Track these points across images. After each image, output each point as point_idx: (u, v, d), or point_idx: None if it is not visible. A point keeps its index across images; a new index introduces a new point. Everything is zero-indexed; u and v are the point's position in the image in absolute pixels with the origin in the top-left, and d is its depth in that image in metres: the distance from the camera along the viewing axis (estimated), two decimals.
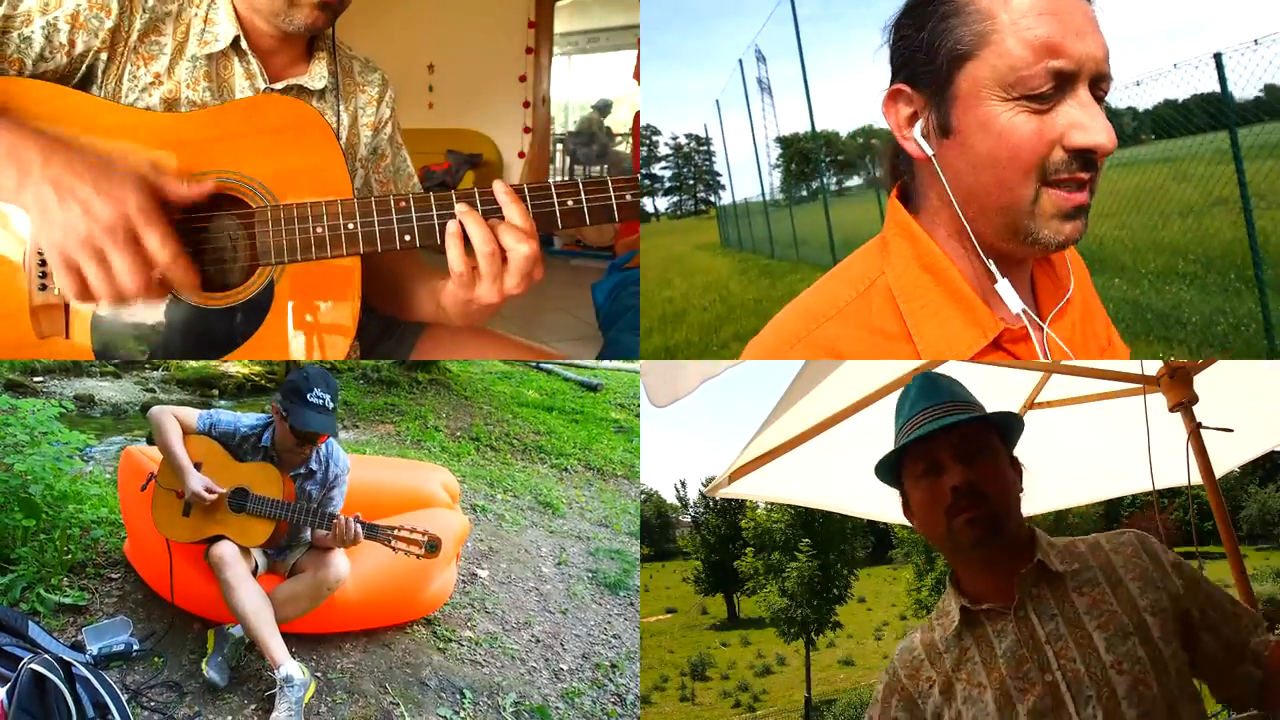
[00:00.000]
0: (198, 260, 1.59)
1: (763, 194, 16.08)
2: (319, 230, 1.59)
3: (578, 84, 7.56)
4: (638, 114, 6.75)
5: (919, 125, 1.03)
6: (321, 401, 2.48)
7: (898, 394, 1.97)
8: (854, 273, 1.07)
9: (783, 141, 14.74)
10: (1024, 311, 1.03)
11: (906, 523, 1.20)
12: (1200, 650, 1.06)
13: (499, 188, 1.60)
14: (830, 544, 18.30)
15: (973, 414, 1.11)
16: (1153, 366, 2.02)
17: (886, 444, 1.17)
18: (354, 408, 6.31)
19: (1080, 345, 1.12)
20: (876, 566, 29.09)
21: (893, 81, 1.04)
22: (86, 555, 3.01)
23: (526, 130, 6.69)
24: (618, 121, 7.87)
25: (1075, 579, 1.09)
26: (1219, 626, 1.08)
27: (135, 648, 2.56)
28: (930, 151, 1.02)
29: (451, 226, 1.58)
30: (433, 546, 2.40)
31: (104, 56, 1.63)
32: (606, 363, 11.60)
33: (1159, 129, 6.23)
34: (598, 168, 7.94)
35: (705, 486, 2.72)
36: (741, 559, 20.17)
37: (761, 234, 15.42)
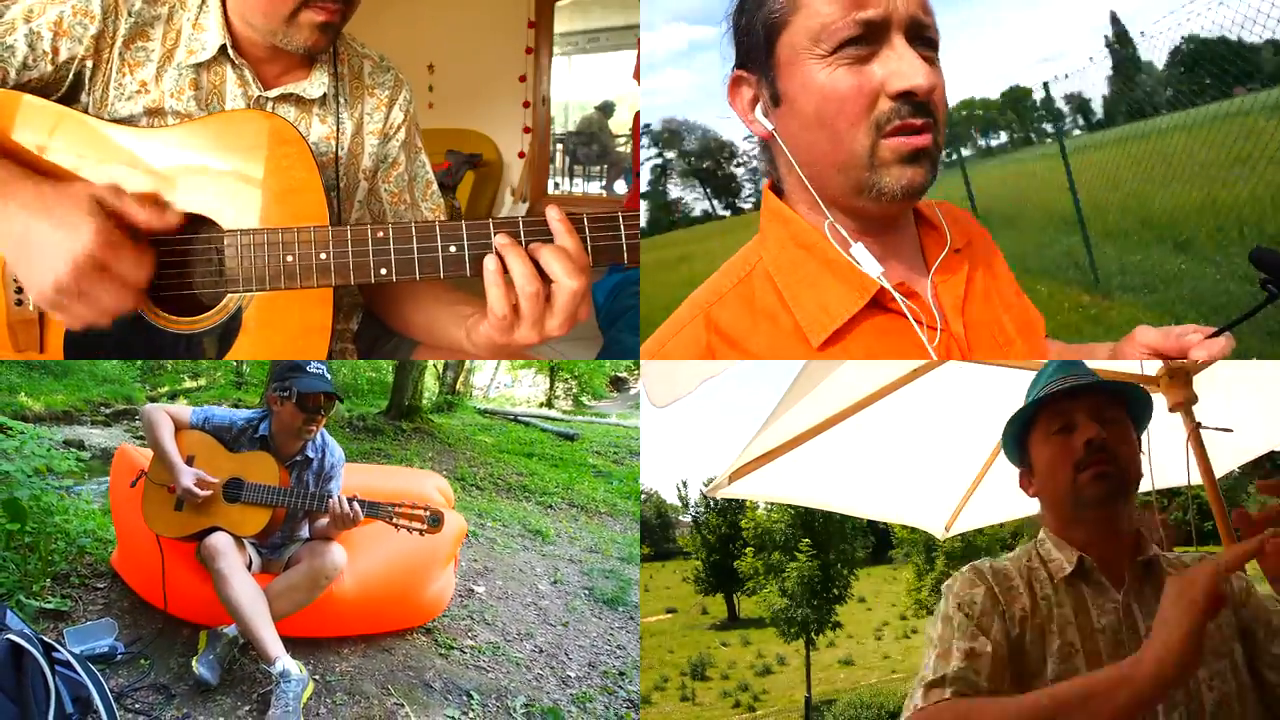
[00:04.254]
0: (164, 282, 1.53)
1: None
2: (289, 259, 1.49)
3: (578, 84, 7.54)
4: (638, 114, 6.75)
5: (759, 105, 1.07)
6: (320, 371, 2.51)
7: (897, 394, 1.97)
8: (735, 264, 1.13)
9: None
10: (882, 275, 1.04)
11: (906, 523, 1.21)
12: (1263, 671, 1.06)
13: (554, 214, 1.43)
14: (830, 544, 18.27)
15: (1112, 382, 1.14)
16: (1152, 366, 2.01)
17: (887, 444, 1.17)
18: None
19: (978, 299, 1.14)
20: (876, 566, 29.05)
21: (733, 70, 1.09)
22: (71, 566, 2.95)
23: (526, 130, 6.68)
24: (619, 122, 7.85)
25: None
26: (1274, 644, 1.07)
27: (120, 651, 2.45)
28: (770, 127, 1.06)
29: (490, 263, 1.42)
30: (435, 520, 2.39)
31: (90, 64, 1.58)
32: (578, 415, 12.24)
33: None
34: (598, 168, 7.93)
35: (706, 487, 2.72)
36: (741, 559, 20.13)
37: None
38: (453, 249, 1.47)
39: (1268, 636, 1.07)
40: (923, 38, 0.99)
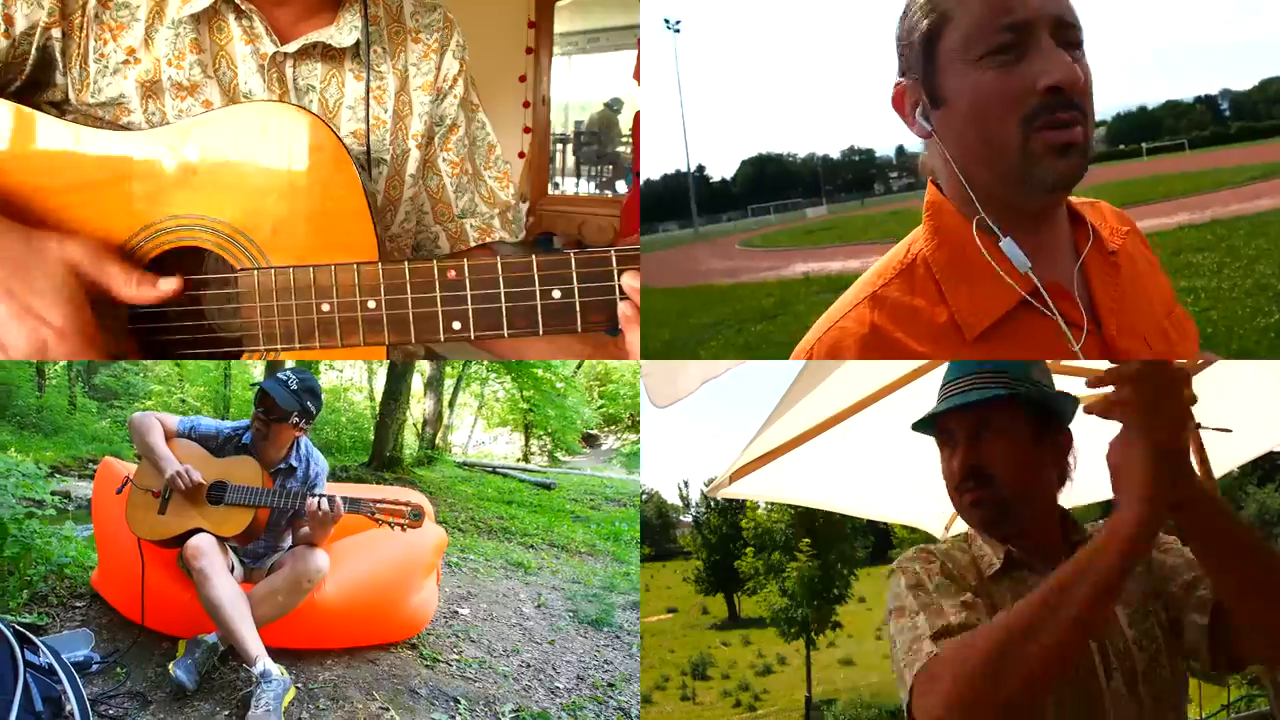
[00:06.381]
0: (165, 336, 1.26)
1: None
2: (325, 309, 1.14)
3: (578, 84, 7.55)
4: (638, 114, 6.75)
5: (919, 109, 1.13)
6: (286, 379, 2.50)
7: (898, 394, 1.98)
8: (899, 251, 1.16)
9: None
10: (1030, 270, 1.06)
11: (906, 523, 1.21)
12: (1183, 627, 1.07)
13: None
14: (830, 544, 18.29)
15: (986, 392, 1.10)
16: None
17: (887, 444, 1.17)
18: None
19: (1135, 304, 1.14)
20: (876, 566, 29.04)
21: (898, 81, 1.16)
22: (51, 587, 2.91)
23: (527, 130, 6.68)
24: (624, 120, 7.86)
25: None
26: (1188, 595, 1.09)
27: (96, 661, 2.40)
28: (929, 127, 1.12)
29: (627, 309, 1.14)
30: (416, 515, 2.40)
31: (57, 33, 1.27)
32: (554, 469, 13.10)
33: None
34: (597, 168, 7.94)
35: (707, 487, 2.73)
36: (742, 559, 20.17)
37: None
38: (557, 294, 1.10)
39: (1181, 587, 1.08)
40: (1068, 38, 1.05)
